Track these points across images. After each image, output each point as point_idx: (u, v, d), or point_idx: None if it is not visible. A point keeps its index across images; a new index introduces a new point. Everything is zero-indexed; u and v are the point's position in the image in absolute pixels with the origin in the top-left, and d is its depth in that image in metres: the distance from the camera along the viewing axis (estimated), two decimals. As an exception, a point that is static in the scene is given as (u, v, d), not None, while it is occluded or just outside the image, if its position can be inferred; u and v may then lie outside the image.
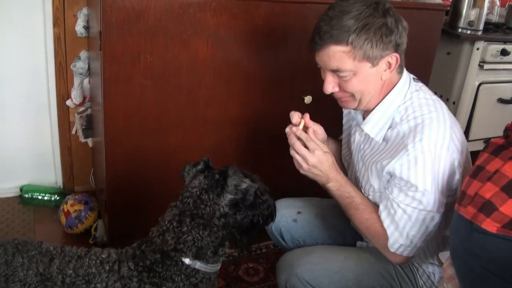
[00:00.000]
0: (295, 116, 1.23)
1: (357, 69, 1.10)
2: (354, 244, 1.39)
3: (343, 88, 1.15)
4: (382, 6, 1.09)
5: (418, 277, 1.26)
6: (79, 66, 1.98)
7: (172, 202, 1.07)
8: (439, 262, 1.26)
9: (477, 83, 2.44)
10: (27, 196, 2.15)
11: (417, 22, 1.78)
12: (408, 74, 1.22)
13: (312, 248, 1.32)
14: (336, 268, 1.21)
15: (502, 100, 2.53)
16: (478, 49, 2.36)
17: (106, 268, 1.07)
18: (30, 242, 1.10)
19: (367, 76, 1.12)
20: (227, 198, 1.02)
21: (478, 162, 0.92)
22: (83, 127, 2.11)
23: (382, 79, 1.15)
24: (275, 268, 1.33)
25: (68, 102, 2.07)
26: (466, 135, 1.19)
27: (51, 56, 1.99)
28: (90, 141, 2.14)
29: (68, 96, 2.07)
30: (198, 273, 1.07)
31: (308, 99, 1.78)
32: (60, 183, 2.27)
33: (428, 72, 2.02)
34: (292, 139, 1.20)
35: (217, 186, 1.02)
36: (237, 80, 1.68)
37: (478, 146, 2.24)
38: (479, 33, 2.40)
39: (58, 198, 2.15)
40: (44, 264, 1.06)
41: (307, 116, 1.23)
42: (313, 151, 1.18)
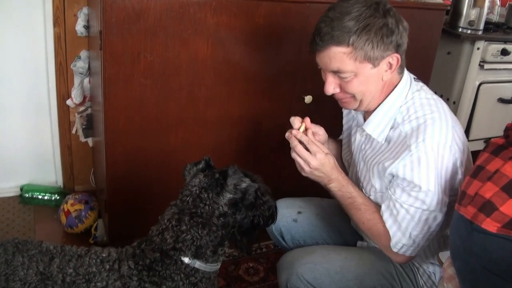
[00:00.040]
0: (296, 122, 1.23)
1: (358, 70, 1.10)
2: (354, 244, 1.39)
3: (344, 89, 1.15)
4: (382, 6, 1.08)
5: (419, 277, 1.26)
6: (79, 65, 1.98)
7: (172, 201, 1.07)
8: (439, 262, 1.26)
9: (477, 83, 2.43)
10: (27, 195, 2.15)
11: (417, 21, 1.78)
12: (409, 74, 1.22)
13: (313, 248, 1.32)
14: (337, 268, 1.21)
15: (502, 100, 2.53)
16: (478, 48, 2.36)
17: (106, 267, 1.07)
18: (30, 242, 1.10)
19: (368, 77, 1.12)
20: (227, 197, 1.02)
21: (478, 162, 0.92)
22: (83, 126, 2.11)
23: (383, 80, 1.15)
24: (275, 267, 1.33)
25: (68, 102, 2.07)
26: (466, 135, 1.19)
27: (51, 56, 1.99)
28: (90, 140, 2.14)
29: (68, 95, 2.07)
30: (198, 272, 1.07)
31: (308, 99, 1.78)
32: (60, 182, 2.27)
33: (428, 72, 2.02)
34: (293, 142, 1.20)
35: (216, 185, 1.02)
36: (237, 79, 1.68)
37: (479, 146, 2.23)
38: (480, 32, 2.40)
39: (58, 198, 2.15)
40: (44, 263, 1.06)
41: (308, 119, 1.23)
42: (314, 154, 1.17)
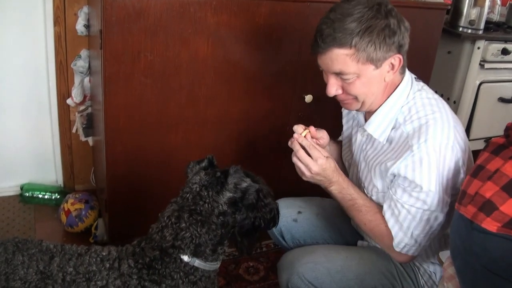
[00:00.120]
0: (299, 129, 1.22)
1: (360, 71, 1.10)
2: (355, 244, 1.39)
3: (347, 90, 1.15)
4: (384, 7, 1.08)
5: (420, 276, 1.26)
6: (80, 64, 1.98)
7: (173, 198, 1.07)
8: (439, 261, 1.26)
9: (477, 82, 2.43)
10: (27, 194, 2.15)
11: (418, 21, 1.78)
12: (410, 74, 1.22)
13: (314, 248, 1.32)
14: (338, 268, 1.21)
15: (502, 100, 2.53)
16: (479, 48, 2.36)
17: (107, 266, 1.07)
18: (30, 241, 1.10)
19: (370, 78, 1.12)
20: (226, 196, 1.02)
21: (479, 162, 0.92)
22: (84, 125, 2.11)
23: (385, 81, 1.15)
24: (276, 267, 1.33)
25: (69, 101, 2.07)
26: (466, 134, 1.19)
27: (52, 55, 1.99)
28: (90, 140, 2.14)
29: (68, 94, 2.07)
30: (197, 271, 1.07)
31: (308, 98, 1.78)
32: (60, 181, 2.27)
33: (429, 71, 2.02)
34: (295, 146, 1.19)
35: (217, 184, 1.02)
36: (237, 79, 1.67)
37: (479, 145, 2.23)
38: (480, 32, 2.40)
39: (58, 197, 2.15)
40: (44, 262, 1.06)
41: (313, 128, 1.23)
42: (316, 159, 1.17)
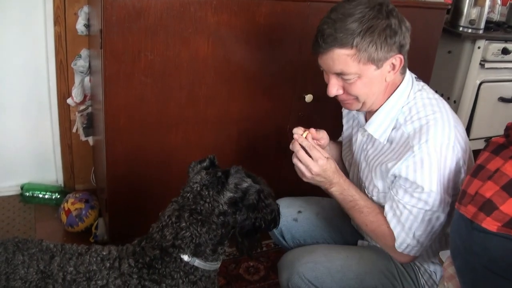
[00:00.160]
0: (299, 131, 1.22)
1: (361, 72, 1.10)
2: (355, 243, 1.39)
3: (348, 91, 1.14)
4: (385, 7, 1.08)
5: (420, 276, 1.26)
6: (80, 64, 1.98)
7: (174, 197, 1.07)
8: (440, 261, 1.26)
9: (478, 82, 2.43)
10: (27, 194, 2.15)
11: (418, 20, 1.77)
12: (410, 74, 1.21)
13: (314, 247, 1.32)
14: (338, 267, 1.21)
15: (503, 99, 2.53)
16: (479, 47, 2.36)
17: (107, 265, 1.07)
18: (30, 240, 1.10)
19: (371, 79, 1.12)
20: (227, 196, 1.02)
21: (479, 161, 0.92)
22: (84, 125, 2.11)
23: (386, 81, 1.14)
24: (276, 266, 1.33)
25: (69, 101, 2.07)
26: (467, 134, 1.19)
27: (52, 55, 1.99)
28: (90, 139, 2.14)
29: (68, 94, 2.07)
30: (197, 270, 1.07)
31: (309, 98, 1.77)
32: (60, 181, 2.27)
33: (429, 71, 2.01)
34: (296, 146, 1.19)
35: (218, 183, 1.02)
36: (237, 78, 1.67)
37: (479, 145, 2.23)
38: (480, 31, 2.40)
39: (58, 197, 2.15)
40: (44, 262, 1.06)
41: (313, 130, 1.23)
42: (316, 160, 1.17)
